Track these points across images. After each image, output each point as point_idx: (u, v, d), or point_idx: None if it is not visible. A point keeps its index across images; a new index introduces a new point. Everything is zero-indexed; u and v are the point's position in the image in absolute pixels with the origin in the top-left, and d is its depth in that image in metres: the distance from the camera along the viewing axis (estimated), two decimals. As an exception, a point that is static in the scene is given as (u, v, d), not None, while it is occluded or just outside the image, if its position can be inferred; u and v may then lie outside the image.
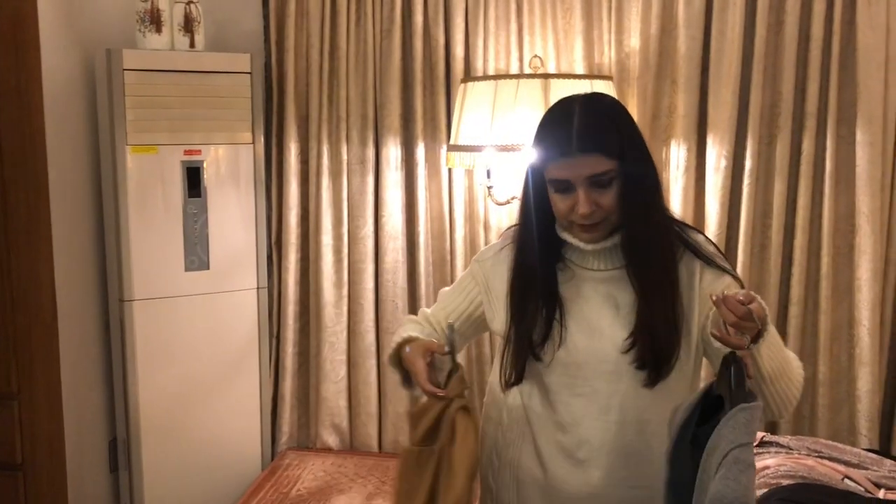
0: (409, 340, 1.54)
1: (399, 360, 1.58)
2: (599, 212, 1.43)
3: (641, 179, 1.46)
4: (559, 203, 1.45)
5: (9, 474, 2.88)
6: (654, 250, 1.46)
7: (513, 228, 1.59)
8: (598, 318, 1.48)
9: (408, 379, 1.56)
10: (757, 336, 1.30)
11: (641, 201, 1.45)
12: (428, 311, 1.69)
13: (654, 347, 1.41)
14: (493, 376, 1.61)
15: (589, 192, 1.41)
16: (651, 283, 1.45)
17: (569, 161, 1.41)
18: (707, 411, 1.33)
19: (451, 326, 1.55)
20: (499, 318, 1.55)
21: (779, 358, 1.37)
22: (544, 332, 1.47)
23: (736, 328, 1.27)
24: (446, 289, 1.73)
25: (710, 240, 1.58)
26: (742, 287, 1.51)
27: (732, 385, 1.27)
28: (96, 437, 3.03)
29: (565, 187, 1.42)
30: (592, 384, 1.47)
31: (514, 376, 1.49)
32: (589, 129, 1.42)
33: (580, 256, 1.52)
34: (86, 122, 2.88)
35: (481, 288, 1.60)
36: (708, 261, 1.50)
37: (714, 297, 1.28)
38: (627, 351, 1.44)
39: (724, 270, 1.50)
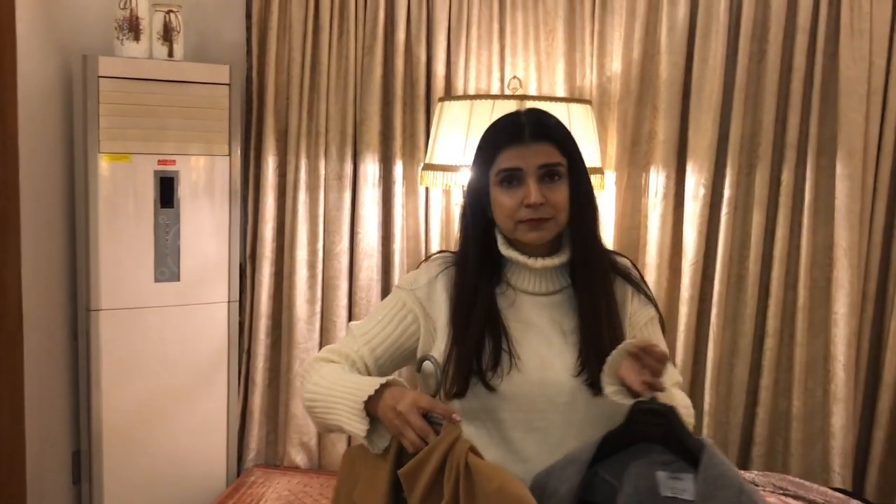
0: (388, 385, 1.34)
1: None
2: (548, 207, 1.41)
3: (588, 192, 1.47)
4: (506, 200, 1.41)
5: (-32, 482, 2.84)
6: (599, 269, 1.45)
7: (440, 256, 1.53)
8: (548, 347, 1.44)
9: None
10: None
11: (589, 213, 1.46)
12: (338, 347, 1.50)
13: (602, 364, 1.38)
14: None
15: (539, 184, 1.40)
16: (597, 303, 1.43)
17: (520, 149, 1.40)
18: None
19: (432, 357, 1.40)
20: (437, 347, 1.47)
21: (670, 399, 1.36)
22: (493, 361, 1.41)
23: (647, 381, 1.26)
24: (357, 322, 1.64)
25: (634, 265, 1.56)
26: (660, 317, 1.51)
27: (681, 436, 1.25)
28: (60, 448, 2.98)
29: (515, 178, 1.40)
30: (548, 417, 1.42)
31: (458, 389, 1.41)
32: (540, 121, 1.45)
33: (521, 278, 1.48)
34: (61, 129, 2.85)
35: (417, 316, 1.48)
36: (637, 287, 1.50)
37: (638, 347, 1.28)
38: (579, 374, 1.40)
39: (649, 300, 1.50)
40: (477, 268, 1.45)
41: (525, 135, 1.41)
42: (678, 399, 1.42)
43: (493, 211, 1.44)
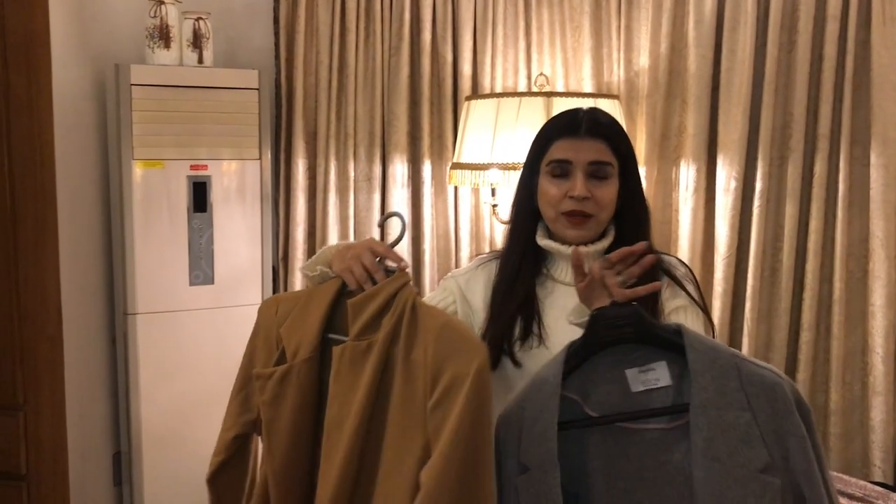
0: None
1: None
2: (592, 203, 1.42)
3: (638, 192, 1.50)
4: (552, 189, 1.43)
5: (13, 485, 2.89)
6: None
7: (491, 252, 1.60)
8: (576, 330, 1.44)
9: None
10: None
11: (638, 211, 1.47)
12: None
13: None
14: None
15: (586, 179, 1.42)
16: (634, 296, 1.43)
17: (574, 142, 1.43)
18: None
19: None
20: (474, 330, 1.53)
21: None
22: (522, 337, 1.45)
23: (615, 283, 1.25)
24: None
25: (683, 262, 1.55)
26: (703, 311, 1.48)
27: (651, 329, 1.20)
28: (101, 450, 3.03)
29: (563, 171, 1.43)
30: None
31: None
32: (597, 119, 1.47)
33: (559, 268, 1.50)
34: (95, 137, 2.91)
35: (456, 298, 1.55)
36: (674, 279, 1.49)
37: (612, 258, 1.26)
38: None
39: (687, 294, 1.48)
40: (520, 256, 1.49)
41: (580, 129, 1.44)
42: None
43: (539, 200, 1.47)
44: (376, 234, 2.99)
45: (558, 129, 1.47)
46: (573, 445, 1.19)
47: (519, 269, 1.48)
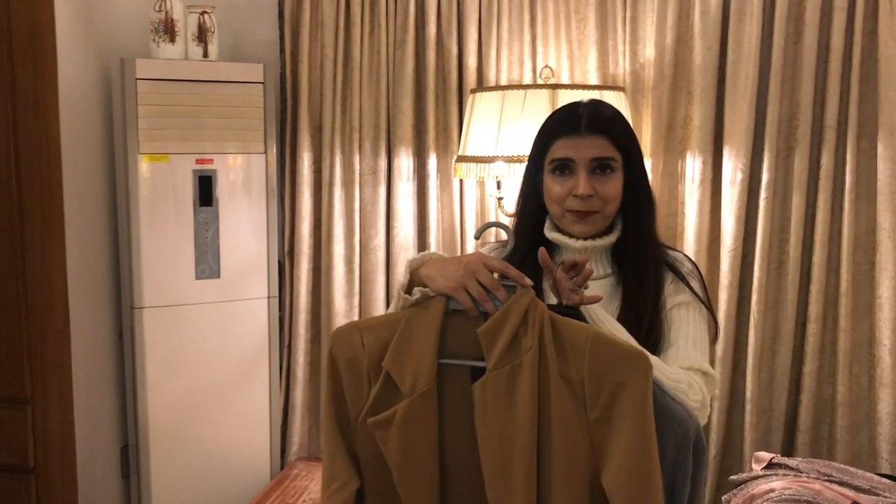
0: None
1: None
2: (596, 200, 1.42)
3: (643, 185, 1.50)
4: (556, 188, 1.43)
5: (21, 477, 2.91)
6: (647, 257, 1.45)
7: (496, 242, 1.60)
8: None
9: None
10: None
11: (643, 204, 1.46)
12: None
13: None
14: None
15: (589, 176, 1.41)
16: (642, 292, 1.42)
17: (575, 140, 1.42)
18: None
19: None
20: None
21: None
22: None
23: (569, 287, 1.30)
24: None
25: (689, 257, 1.55)
26: (707, 308, 1.47)
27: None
28: (108, 443, 3.05)
29: (566, 168, 1.42)
30: None
31: None
32: (598, 113, 1.46)
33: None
34: (101, 131, 2.92)
35: None
36: (678, 275, 1.49)
37: (569, 262, 1.32)
38: None
39: (690, 290, 1.47)
40: (526, 249, 1.48)
41: (581, 126, 1.43)
42: (667, 369, 1.33)
43: (544, 197, 1.48)
44: (471, 247, 2.98)
45: (559, 126, 1.46)
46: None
47: (524, 262, 1.47)
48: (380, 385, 1.22)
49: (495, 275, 1.21)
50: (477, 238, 1.49)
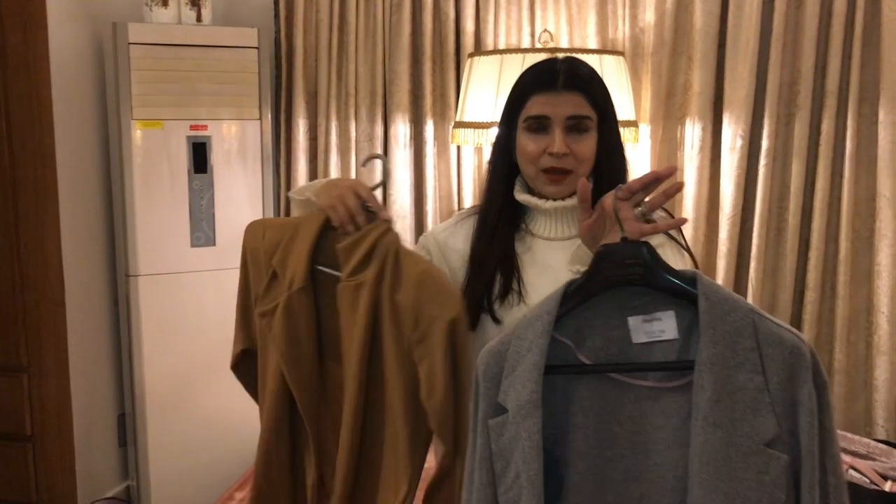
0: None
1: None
2: (571, 159, 1.38)
3: (617, 146, 1.46)
4: (530, 146, 1.39)
5: (19, 445, 2.92)
6: None
7: (470, 207, 1.58)
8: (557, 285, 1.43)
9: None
10: None
11: (617, 165, 1.43)
12: None
13: None
14: None
15: (565, 134, 1.37)
16: None
17: (551, 96, 1.38)
18: None
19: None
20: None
21: None
22: (502, 294, 1.43)
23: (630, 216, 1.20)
24: None
25: (666, 210, 1.51)
26: (685, 249, 1.44)
27: (661, 272, 1.08)
28: (106, 412, 3.05)
29: (541, 126, 1.38)
30: None
31: (468, 321, 1.40)
32: (575, 70, 1.41)
33: (537, 223, 1.47)
34: (94, 98, 2.88)
35: (432, 256, 1.52)
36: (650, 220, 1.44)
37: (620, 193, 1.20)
38: None
39: (666, 234, 1.43)
40: (498, 212, 1.45)
41: (558, 83, 1.38)
42: None
43: (517, 156, 1.43)
44: (362, 177, 2.96)
45: (535, 83, 1.41)
46: (558, 395, 1.07)
47: (497, 226, 1.45)
48: (268, 280, 1.44)
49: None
50: (363, 166, 1.52)
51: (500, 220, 1.45)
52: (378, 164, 1.49)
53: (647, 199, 1.22)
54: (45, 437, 2.91)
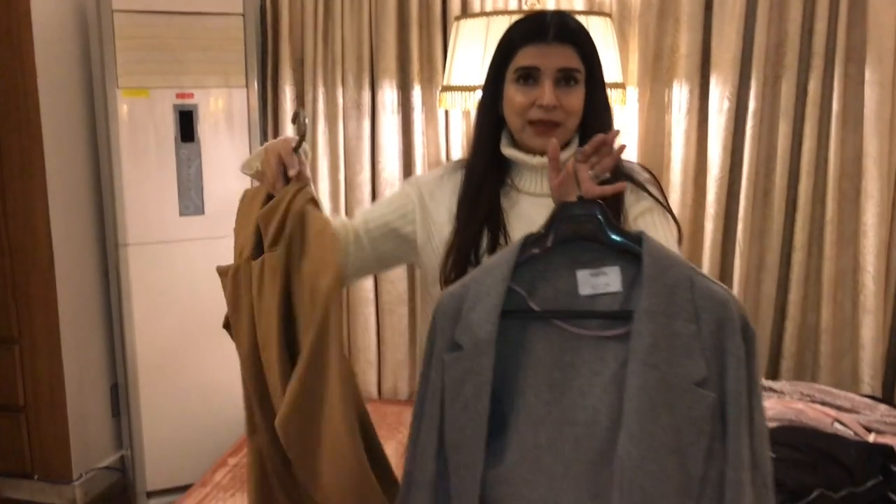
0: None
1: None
2: (560, 112, 1.38)
3: (604, 100, 1.45)
4: (519, 97, 1.38)
5: (12, 416, 2.93)
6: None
7: (457, 159, 1.55)
8: None
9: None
10: None
11: (604, 119, 1.43)
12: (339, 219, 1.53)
13: None
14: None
15: (554, 86, 1.37)
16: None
17: (541, 48, 1.37)
18: None
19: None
20: (433, 244, 1.47)
21: None
22: (489, 249, 1.41)
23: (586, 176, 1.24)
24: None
25: (645, 167, 1.52)
26: (668, 211, 1.45)
27: (611, 230, 1.16)
28: (98, 382, 3.05)
29: (531, 77, 1.37)
30: None
31: (455, 276, 1.40)
32: (565, 23, 1.41)
33: (523, 179, 1.46)
34: (78, 66, 2.86)
35: (415, 206, 1.49)
36: (636, 184, 1.45)
37: (583, 153, 1.24)
38: None
39: (648, 194, 1.44)
40: (484, 166, 1.44)
41: (549, 35, 1.37)
42: None
43: (504, 108, 1.42)
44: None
45: (525, 34, 1.40)
46: (507, 339, 1.15)
47: (483, 180, 1.43)
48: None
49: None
50: (292, 122, 1.50)
51: (486, 176, 1.44)
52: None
53: (600, 162, 1.25)
54: (38, 408, 2.92)
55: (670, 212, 1.45)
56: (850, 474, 1.70)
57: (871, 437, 1.91)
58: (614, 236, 1.14)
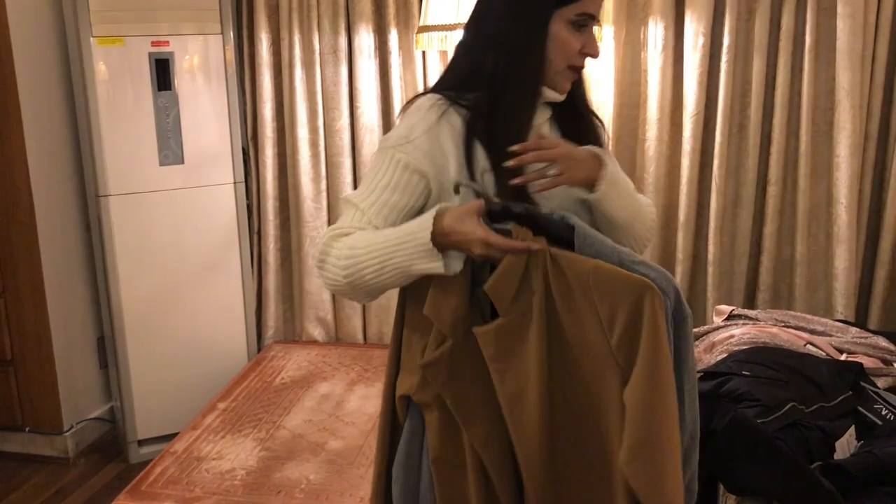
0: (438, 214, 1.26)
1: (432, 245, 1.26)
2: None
3: None
4: (574, 42, 1.33)
5: (1, 370, 2.95)
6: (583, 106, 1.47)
7: (428, 100, 1.34)
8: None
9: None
10: (594, 183, 1.30)
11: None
12: (347, 223, 1.32)
13: None
14: None
15: None
16: (583, 137, 1.43)
17: None
18: None
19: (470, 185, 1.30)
20: (446, 194, 1.33)
21: (630, 203, 1.37)
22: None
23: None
24: (352, 193, 1.35)
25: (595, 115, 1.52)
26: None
27: (547, 228, 1.24)
28: (85, 335, 3.07)
29: (585, 23, 1.34)
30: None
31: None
32: None
33: (540, 118, 1.41)
34: (51, 14, 2.82)
35: (424, 173, 1.31)
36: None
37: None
38: None
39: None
40: (529, 107, 1.35)
41: None
42: (630, 197, 1.39)
43: (549, 48, 1.34)
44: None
45: None
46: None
47: (528, 117, 1.35)
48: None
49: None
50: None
51: (531, 113, 1.36)
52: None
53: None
54: (26, 360, 2.94)
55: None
56: (822, 391, 1.76)
57: (843, 357, 1.97)
58: (549, 228, 1.24)
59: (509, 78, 1.32)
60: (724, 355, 1.92)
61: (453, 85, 1.35)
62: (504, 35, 1.33)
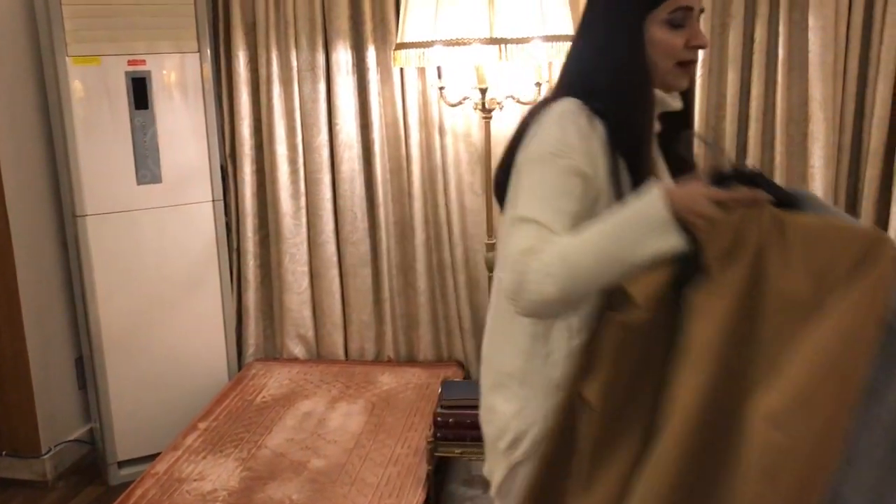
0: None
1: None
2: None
3: None
4: (675, 40, 1.33)
5: (-23, 394, 2.91)
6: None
7: (568, 105, 1.32)
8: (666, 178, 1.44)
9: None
10: None
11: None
12: (538, 242, 1.24)
13: None
14: None
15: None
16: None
17: None
18: None
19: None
20: (601, 202, 1.33)
21: None
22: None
23: None
24: (526, 213, 1.27)
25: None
26: None
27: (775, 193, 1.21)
28: (62, 355, 3.04)
29: (684, 20, 1.34)
30: None
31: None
32: None
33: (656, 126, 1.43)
34: (25, 34, 2.81)
35: (588, 177, 1.29)
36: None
37: None
38: None
39: None
40: (651, 114, 1.36)
41: None
42: None
43: (650, 51, 1.34)
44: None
45: None
46: None
47: (649, 129, 1.35)
48: None
49: None
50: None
51: (651, 123, 1.36)
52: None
53: None
54: (3, 382, 2.90)
55: None
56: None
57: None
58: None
59: (627, 86, 1.33)
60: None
61: (576, 92, 1.34)
62: (606, 47, 1.35)
